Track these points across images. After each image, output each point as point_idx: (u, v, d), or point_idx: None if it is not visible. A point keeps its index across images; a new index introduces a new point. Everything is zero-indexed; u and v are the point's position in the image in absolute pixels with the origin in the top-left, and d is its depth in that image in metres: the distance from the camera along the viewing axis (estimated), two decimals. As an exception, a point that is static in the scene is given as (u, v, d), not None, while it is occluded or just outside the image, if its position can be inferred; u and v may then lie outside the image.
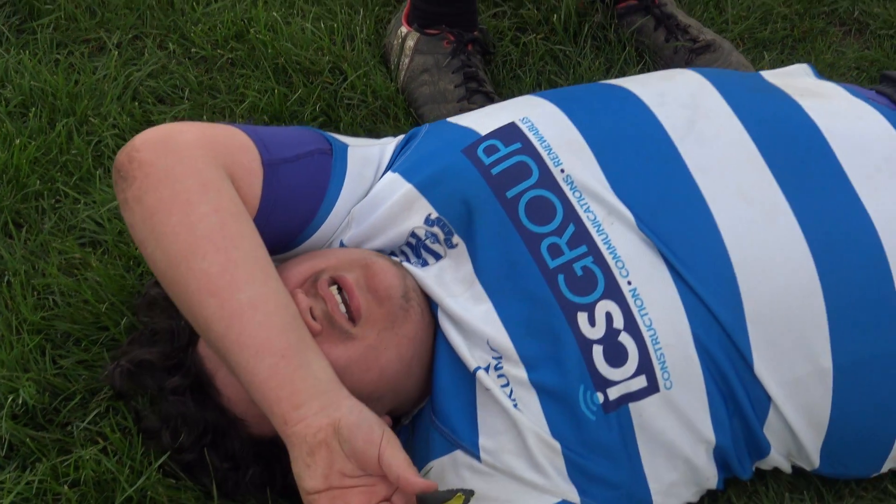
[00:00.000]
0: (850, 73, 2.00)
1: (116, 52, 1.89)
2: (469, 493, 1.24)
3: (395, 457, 1.12)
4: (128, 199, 1.25)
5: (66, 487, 1.29)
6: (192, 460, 1.31)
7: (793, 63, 1.92)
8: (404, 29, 1.94)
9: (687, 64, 1.98)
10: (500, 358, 1.29)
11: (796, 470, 1.41)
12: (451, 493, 1.18)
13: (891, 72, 1.61)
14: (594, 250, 1.30)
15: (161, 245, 1.22)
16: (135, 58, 1.90)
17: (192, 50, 1.92)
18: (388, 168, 1.45)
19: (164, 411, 1.32)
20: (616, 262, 1.29)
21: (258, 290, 1.20)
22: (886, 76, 1.60)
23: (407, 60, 1.92)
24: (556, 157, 1.36)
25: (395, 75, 1.95)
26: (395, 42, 1.95)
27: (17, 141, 1.69)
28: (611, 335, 1.26)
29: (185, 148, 1.27)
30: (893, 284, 1.30)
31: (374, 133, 1.81)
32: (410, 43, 1.92)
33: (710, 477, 1.35)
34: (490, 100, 1.87)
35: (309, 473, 1.13)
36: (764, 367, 1.28)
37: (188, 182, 1.24)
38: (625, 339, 1.26)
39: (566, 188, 1.34)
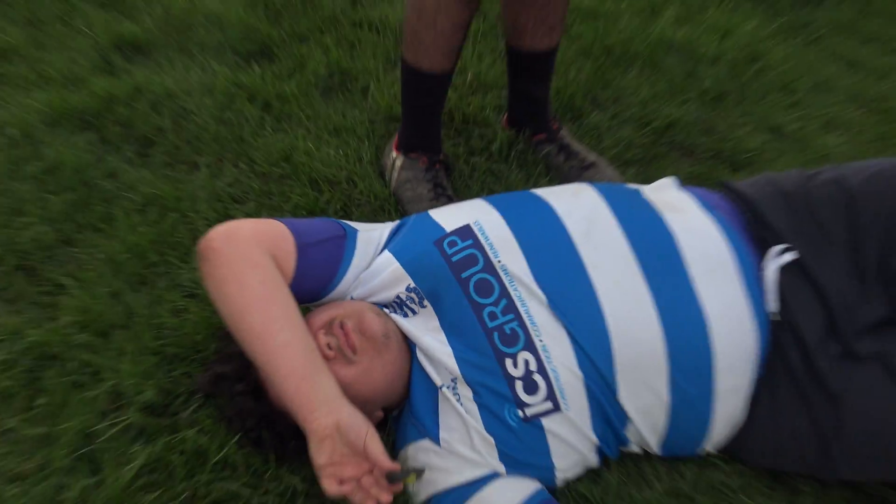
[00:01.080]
0: (685, 182, 1.81)
1: (206, 169, 1.95)
2: (420, 472, 1.32)
3: (375, 446, 1.20)
4: (204, 273, 1.34)
5: (174, 456, 1.38)
6: (254, 438, 1.39)
7: (648, 174, 2.13)
8: (394, 153, 2.02)
9: (578, 177, 2.05)
10: (455, 380, 1.36)
11: (644, 452, 1.50)
12: (408, 473, 1.24)
13: (729, 182, 1.60)
14: (518, 318, 1.36)
15: (225, 306, 1.31)
16: (218, 173, 1.95)
17: (255, 167, 1.98)
18: (385, 246, 1.49)
19: (235, 406, 1.39)
20: (533, 327, 1.35)
21: (288, 336, 1.27)
22: (726, 185, 1.59)
23: (396, 174, 1.99)
24: (496, 252, 1.41)
25: (389, 184, 2.01)
26: (388, 162, 2.03)
27: (141, 228, 1.77)
28: (528, 374, 1.33)
29: (242, 240, 1.35)
30: (711, 353, 1.36)
31: (377, 221, 1.85)
32: (398, 163, 2.00)
33: (593, 461, 1.44)
34: (451, 199, 1.94)
35: (319, 454, 1.21)
36: (625, 398, 1.37)
37: (242, 264, 1.32)
38: (537, 377, 1.33)
39: (502, 274, 1.39)
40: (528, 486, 1.36)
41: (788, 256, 1.41)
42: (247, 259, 1.33)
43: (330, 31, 2.41)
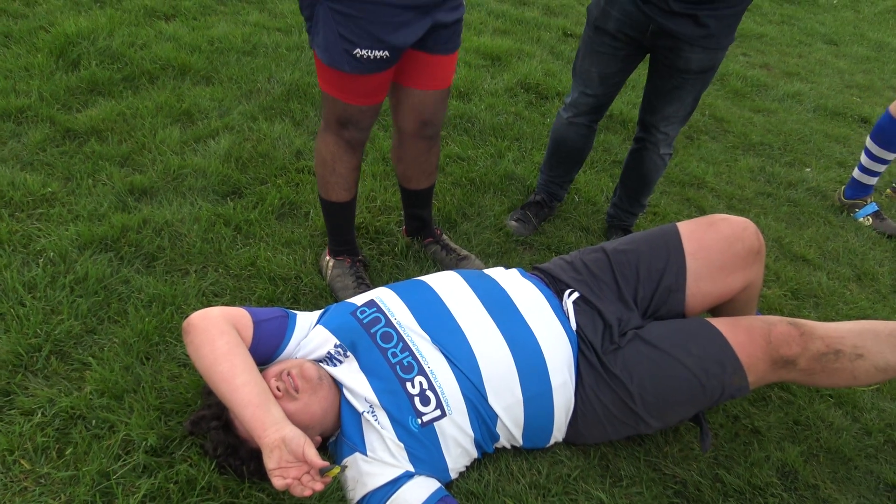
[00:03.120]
0: (527, 268, 1.97)
1: (194, 274, 1.89)
2: (343, 467, 1.31)
3: (310, 452, 1.18)
4: (186, 342, 1.32)
5: (171, 485, 1.32)
6: (224, 461, 1.33)
7: (503, 263, 2.16)
8: (327, 258, 1.97)
9: (454, 267, 2.04)
10: (372, 406, 1.34)
11: (513, 447, 1.50)
12: (333, 467, 1.19)
13: (538, 264, 1.69)
14: (412, 354, 1.37)
15: (200, 360, 1.28)
16: (203, 277, 1.89)
17: (230, 271, 1.93)
18: (318, 322, 1.48)
19: (211, 439, 1.34)
20: (423, 358, 1.36)
21: (246, 378, 1.25)
22: (535, 266, 1.67)
23: (329, 272, 1.94)
24: (393, 314, 1.43)
25: (325, 278, 1.96)
26: (324, 263, 1.98)
27: (147, 318, 1.66)
28: (422, 392, 1.34)
29: (213, 319, 1.32)
30: (544, 360, 1.40)
31: (317, 307, 1.85)
32: (330, 264, 1.96)
33: (474, 453, 1.42)
34: (369, 287, 1.89)
35: (269, 460, 1.18)
36: (493, 401, 1.37)
37: (213, 331, 1.29)
38: (429, 393, 1.34)
39: (398, 327, 1.41)
40: (432, 485, 1.32)
41: (575, 295, 1.53)
42: (216, 328, 1.30)
43: (281, 176, 2.38)
